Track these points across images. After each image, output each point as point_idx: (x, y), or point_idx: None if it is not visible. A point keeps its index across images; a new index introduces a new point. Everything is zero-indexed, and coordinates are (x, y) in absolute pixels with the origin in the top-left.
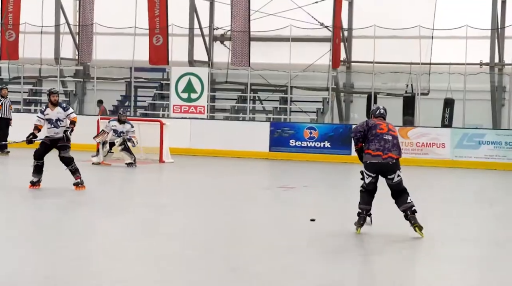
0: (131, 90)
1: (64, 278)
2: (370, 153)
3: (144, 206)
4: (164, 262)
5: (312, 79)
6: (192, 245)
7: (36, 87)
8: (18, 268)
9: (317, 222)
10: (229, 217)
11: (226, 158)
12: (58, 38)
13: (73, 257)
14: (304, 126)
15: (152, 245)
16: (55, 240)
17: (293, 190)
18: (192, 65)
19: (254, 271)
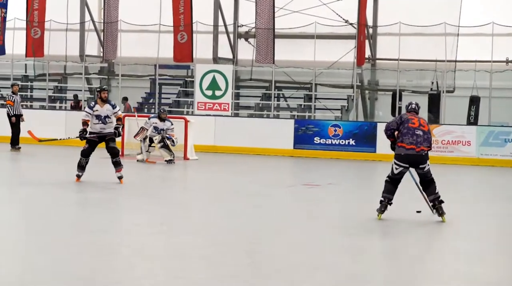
0: (156, 87)
1: (90, 273)
2: (404, 146)
3: (169, 203)
4: (187, 258)
5: (337, 76)
6: (215, 242)
7: (61, 85)
8: (46, 263)
9: (340, 219)
10: (253, 214)
11: (250, 155)
12: (83, 35)
13: (98, 253)
14: (328, 124)
15: (176, 242)
16: (80, 235)
17: (318, 187)
18: (217, 62)
19: (276, 267)
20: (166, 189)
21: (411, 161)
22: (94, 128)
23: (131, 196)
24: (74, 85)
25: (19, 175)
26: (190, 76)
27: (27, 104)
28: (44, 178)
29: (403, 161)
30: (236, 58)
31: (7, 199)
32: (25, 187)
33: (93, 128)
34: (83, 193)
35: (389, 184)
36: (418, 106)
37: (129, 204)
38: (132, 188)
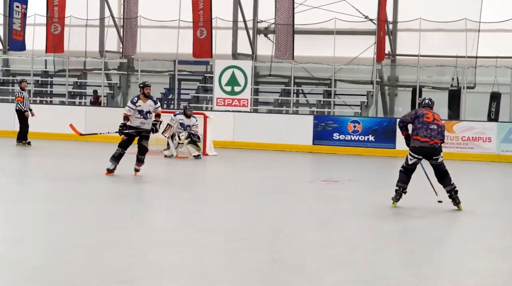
0: (175, 83)
1: (109, 268)
2: (419, 139)
3: (188, 199)
4: (208, 254)
5: (356, 72)
6: (235, 238)
7: (80, 80)
8: (67, 258)
9: (361, 215)
10: (272, 210)
11: (269, 151)
12: (102, 31)
13: (118, 248)
14: (348, 120)
15: (196, 238)
16: (100, 231)
17: (337, 183)
18: (236, 58)
19: (297, 263)
20: (185, 184)
21: (425, 153)
22: (134, 123)
23: (151, 192)
24: (94, 81)
25: (36, 170)
26: (209, 72)
27: (47, 100)
28: (62, 173)
29: (417, 152)
30: (255, 54)
31: (26, 194)
32: (43, 182)
33: (133, 123)
34: (103, 188)
35: (403, 173)
36: (432, 101)
37: (149, 199)
38: (152, 184)
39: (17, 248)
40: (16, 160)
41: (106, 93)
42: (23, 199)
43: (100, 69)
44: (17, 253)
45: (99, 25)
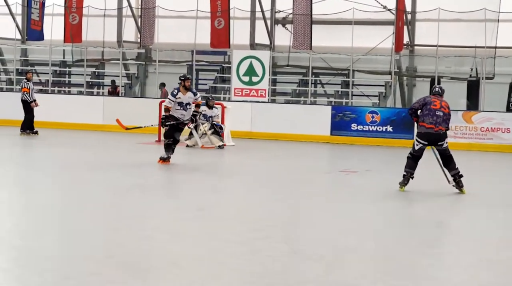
0: (193, 73)
1: (126, 257)
2: (425, 125)
3: (207, 189)
4: (226, 244)
5: (375, 62)
6: (253, 228)
7: (98, 70)
8: (85, 247)
9: (380, 206)
10: (290, 200)
11: (287, 141)
12: (120, 21)
13: (136, 237)
14: (366, 110)
15: (214, 228)
16: (119, 220)
17: (355, 174)
18: (254, 48)
19: (317, 253)
20: (203, 174)
21: (431, 139)
22: (175, 114)
23: (170, 181)
24: (112, 71)
25: (55, 160)
26: (227, 62)
27: (65, 90)
28: (81, 162)
29: (423, 138)
30: (273, 44)
31: (46, 184)
32: (63, 172)
33: (175, 114)
34: (122, 177)
35: (410, 160)
36: (442, 90)
37: (167, 189)
38: (171, 173)
39: (37, 238)
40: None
41: (124, 83)
42: (42, 188)
43: (118, 59)
44: (37, 242)
45: (117, 15)
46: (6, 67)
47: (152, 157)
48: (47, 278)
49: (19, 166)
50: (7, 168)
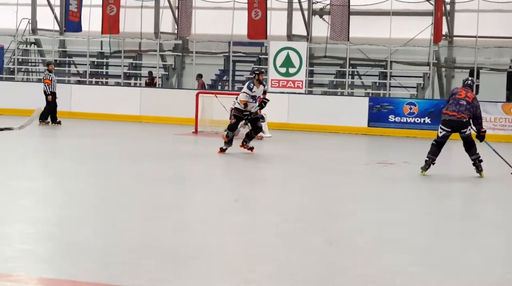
0: (229, 64)
1: (165, 248)
2: (448, 113)
3: (243, 179)
4: (261, 235)
5: (413, 54)
6: (290, 219)
7: (136, 61)
8: (122, 237)
9: (418, 198)
10: (327, 191)
11: (324, 133)
12: (158, 12)
13: (174, 228)
14: (403, 102)
15: (250, 218)
16: (156, 211)
17: (393, 165)
18: (291, 39)
19: (353, 244)
20: (240, 165)
21: (453, 126)
22: (249, 107)
23: (206, 172)
24: (149, 62)
25: (91, 149)
26: (264, 53)
27: (103, 81)
28: (117, 152)
29: (447, 125)
30: (310, 35)
31: (82, 173)
32: (100, 162)
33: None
34: (160, 168)
35: (434, 146)
36: (473, 82)
37: (204, 179)
38: (208, 164)
39: (74, 228)
40: (70, 140)
41: (161, 75)
42: (79, 179)
43: (155, 50)
44: (74, 232)
45: (154, 6)
46: (44, 58)
47: (189, 148)
48: (85, 268)
49: (56, 156)
50: (46, 158)
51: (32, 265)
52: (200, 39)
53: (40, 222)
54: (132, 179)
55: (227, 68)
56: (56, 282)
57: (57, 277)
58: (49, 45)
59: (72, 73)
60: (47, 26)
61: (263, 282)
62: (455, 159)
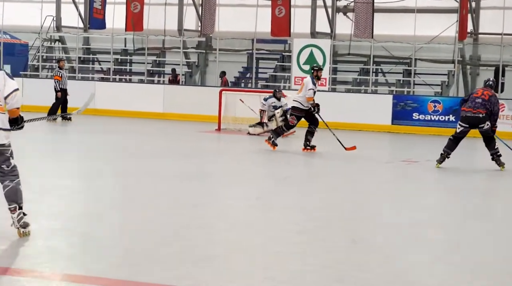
0: (253, 62)
1: (187, 245)
2: (465, 109)
3: (265, 177)
4: (285, 233)
5: (437, 51)
6: (312, 217)
7: (159, 59)
8: (143, 234)
9: (441, 196)
10: (350, 189)
11: (347, 130)
12: (181, 10)
13: (196, 226)
14: (428, 100)
15: (272, 216)
16: (179, 208)
17: (416, 164)
18: (314, 37)
19: (376, 243)
20: (263, 162)
21: (470, 121)
22: (307, 105)
23: (229, 169)
24: (172, 59)
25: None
26: (288, 50)
27: (126, 78)
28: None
29: (464, 121)
30: (334, 32)
31: (106, 171)
32: (123, 159)
33: (306, 105)
34: (183, 165)
35: (451, 141)
36: (494, 83)
37: (226, 177)
38: (231, 161)
39: (98, 224)
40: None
41: (184, 72)
42: (102, 175)
43: (178, 47)
44: (98, 229)
45: (178, 4)
46: (68, 55)
47: (212, 145)
48: (107, 264)
49: (79, 153)
50: (69, 155)
51: (55, 261)
52: (224, 37)
53: (63, 219)
54: (154, 176)
55: (250, 65)
56: (79, 278)
57: (79, 273)
58: (73, 42)
59: (96, 70)
60: (72, 24)
61: (285, 280)
62: (477, 156)
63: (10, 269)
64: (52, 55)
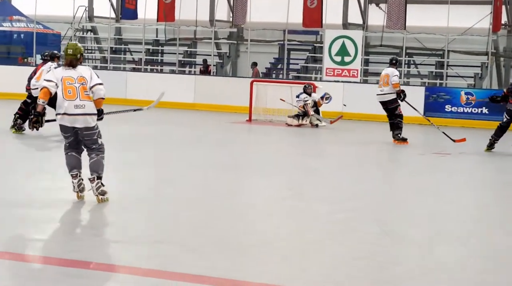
0: (284, 53)
1: (221, 234)
2: (510, 102)
3: (298, 168)
4: (316, 224)
5: (471, 43)
6: (344, 208)
7: (190, 49)
8: (179, 223)
9: (474, 189)
10: (382, 181)
11: (378, 122)
12: (213, 0)
13: (228, 215)
14: (460, 92)
15: (304, 207)
16: (212, 198)
17: (449, 156)
18: (346, 28)
19: (408, 235)
20: (294, 154)
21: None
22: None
23: (262, 160)
24: (204, 50)
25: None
26: (319, 42)
27: (158, 69)
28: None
29: (508, 114)
30: (366, 24)
31: (140, 161)
32: (156, 149)
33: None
34: (215, 156)
35: (498, 129)
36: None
37: (259, 167)
38: (264, 152)
39: (129, 214)
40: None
41: (215, 63)
42: (136, 165)
43: (210, 38)
44: (129, 218)
45: None
46: (100, 45)
47: (243, 136)
48: (141, 255)
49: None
50: None
51: (86, 251)
52: (255, 27)
53: (97, 209)
54: (186, 167)
55: (281, 56)
56: (110, 267)
57: (111, 263)
58: (105, 32)
59: (128, 60)
60: (104, 14)
61: (317, 271)
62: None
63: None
64: (84, 46)
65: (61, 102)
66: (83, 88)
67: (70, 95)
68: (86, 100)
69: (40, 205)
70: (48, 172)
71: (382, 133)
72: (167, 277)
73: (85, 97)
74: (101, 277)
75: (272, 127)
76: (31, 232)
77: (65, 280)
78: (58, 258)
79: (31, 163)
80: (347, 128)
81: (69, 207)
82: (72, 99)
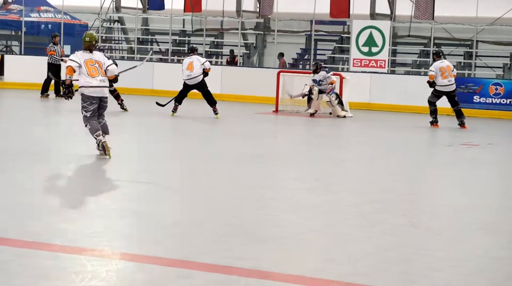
0: (311, 43)
1: (245, 226)
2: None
3: (323, 159)
4: (342, 216)
5: (500, 33)
6: (370, 200)
7: (217, 40)
8: (202, 215)
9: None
10: (409, 173)
11: (406, 113)
12: None
13: (254, 207)
14: (489, 82)
15: (331, 199)
16: (237, 189)
17: (477, 147)
18: (374, 18)
19: (436, 226)
20: (320, 145)
21: None
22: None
23: (286, 152)
24: (230, 41)
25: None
26: (346, 32)
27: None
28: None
29: None
30: (394, 14)
31: (164, 152)
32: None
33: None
34: (240, 147)
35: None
36: None
37: (284, 159)
38: (288, 144)
39: (155, 205)
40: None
41: (242, 53)
42: (160, 157)
43: (236, 29)
44: (156, 209)
45: None
46: (127, 36)
47: (269, 126)
48: (167, 245)
49: (138, 135)
50: (127, 136)
51: (114, 240)
52: (282, 18)
53: (124, 199)
54: (213, 158)
55: (308, 47)
56: (137, 257)
57: (139, 253)
58: (132, 23)
59: (155, 51)
60: (131, 4)
61: (345, 262)
62: None
63: (71, 247)
64: (111, 36)
65: (88, 79)
66: (100, 68)
67: (93, 73)
68: (104, 76)
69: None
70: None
71: (409, 124)
72: (194, 268)
73: (104, 74)
74: (127, 267)
75: (299, 118)
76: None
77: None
78: (85, 248)
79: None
80: (374, 119)
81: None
82: (96, 77)
